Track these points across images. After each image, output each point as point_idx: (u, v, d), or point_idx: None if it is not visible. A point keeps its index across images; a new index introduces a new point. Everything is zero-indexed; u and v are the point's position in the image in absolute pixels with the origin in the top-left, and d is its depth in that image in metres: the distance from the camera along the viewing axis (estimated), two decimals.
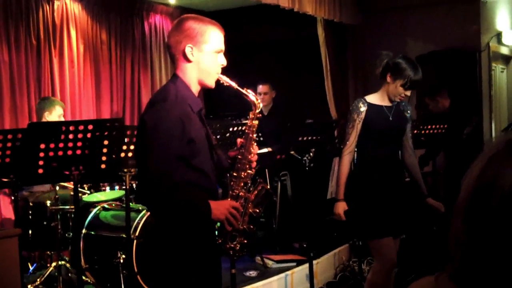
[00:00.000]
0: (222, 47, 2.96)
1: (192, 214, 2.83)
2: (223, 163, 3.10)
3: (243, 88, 3.07)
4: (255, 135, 3.11)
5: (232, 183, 3.06)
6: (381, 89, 4.31)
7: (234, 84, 3.03)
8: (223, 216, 2.85)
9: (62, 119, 5.92)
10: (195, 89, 2.96)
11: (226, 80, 3.01)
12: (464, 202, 1.16)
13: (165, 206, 2.77)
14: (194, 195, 2.85)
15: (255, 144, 3.12)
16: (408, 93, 4.23)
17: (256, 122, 3.09)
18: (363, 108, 4.22)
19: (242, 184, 3.06)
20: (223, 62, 2.97)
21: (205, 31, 2.89)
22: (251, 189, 3.11)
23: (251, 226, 3.07)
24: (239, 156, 3.06)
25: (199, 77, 2.92)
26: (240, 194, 3.04)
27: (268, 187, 3.20)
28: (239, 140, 3.11)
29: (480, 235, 1.12)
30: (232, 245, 3.03)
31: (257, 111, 3.09)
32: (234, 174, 3.06)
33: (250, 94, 3.09)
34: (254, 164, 3.09)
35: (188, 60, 2.88)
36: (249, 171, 3.07)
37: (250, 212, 3.07)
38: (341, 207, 4.26)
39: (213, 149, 2.99)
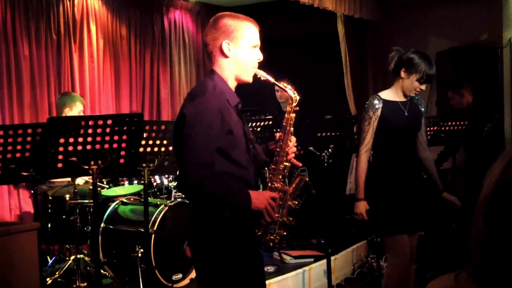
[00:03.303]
0: (258, 42, 3.02)
1: (232, 203, 2.84)
2: (260, 157, 3.11)
3: (279, 82, 3.10)
4: (292, 128, 3.11)
5: (270, 175, 3.07)
6: (394, 84, 4.28)
7: (271, 78, 3.07)
8: (263, 206, 2.84)
9: (82, 115, 5.95)
10: (232, 84, 3.01)
11: (263, 74, 3.05)
12: (484, 202, 1.16)
13: (205, 195, 2.77)
14: (234, 185, 2.86)
15: (292, 136, 3.12)
16: (423, 87, 4.20)
17: (293, 115, 3.10)
18: (378, 105, 4.18)
19: (280, 176, 3.07)
20: (260, 56, 3.02)
21: (241, 26, 2.96)
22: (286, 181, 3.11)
23: (290, 218, 3.08)
24: (277, 149, 3.09)
25: (236, 72, 2.98)
26: (278, 186, 3.05)
27: (307, 179, 3.19)
28: (277, 134, 3.12)
29: (500, 235, 1.11)
30: (272, 237, 3.04)
31: (294, 104, 3.10)
32: (273, 167, 3.07)
33: (288, 88, 3.11)
34: (290, 156, 3.10)
35: (225, 56, 2.94)
36: (286, 164, 3.08)
37: (289, 204, 3.08)
38: (362, 207, 4.21)
39: (251, 143, 3.01)
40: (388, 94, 4.26)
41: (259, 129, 5.62)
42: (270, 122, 5.80)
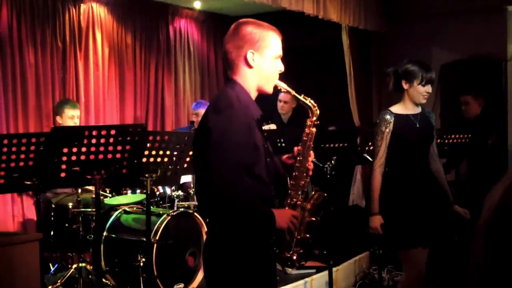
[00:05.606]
0: (281, 52, 2.93)
1: (257, 223, 2.75)
2: (279, 170, 3.01)
3: (300, 95, 3.02)
4: (312, 143, 3.01)
5: (290, 191, 2.96)
6: (402, 99, 4.31)
7: (291, 90, 2.99)
8: (286, 225, 2.75)
9: (76, 120, 5.94)
10: (254, 95, 2.90)
11: (284, 86, 2.98)
12: (484, 224, 1.16)
13: (232, 213, 2.67)
14: (259, 203, 2.79)
15: (312, 152, 3.02)
16: (429, 88, 4.23)
17: (314, 129, 3.01)
18: (390, 119, 4.20)
19: (299, 192, 2.96)
20: (281, 67, 2.94)
21: (267, 36, 2.87)
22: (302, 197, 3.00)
23: (308, 236, 2.97)
24: (296, 164, 2.97)
25: (259, 83, 2.87)
26: (297, 202, 2.94)
27: (325, 195, 3.08)
28: (296, 148, 3.01)
29: (499, 258, 1.11)
30: (289, 255, 2.94)
31: (314, 118, 3.02)
32: (292, 182, 2.96)
33: (308, 101, 3.03)
34: (310, 172, 3.00)
35: (249, 66, 2.83)
36: (306, 179, 2.98)
37: (307, 221, 2.97)
38: (377, 221, 4.20)
39: (270, 156, 2.91)
40: (398, 108, 4.29)
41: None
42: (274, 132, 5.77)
